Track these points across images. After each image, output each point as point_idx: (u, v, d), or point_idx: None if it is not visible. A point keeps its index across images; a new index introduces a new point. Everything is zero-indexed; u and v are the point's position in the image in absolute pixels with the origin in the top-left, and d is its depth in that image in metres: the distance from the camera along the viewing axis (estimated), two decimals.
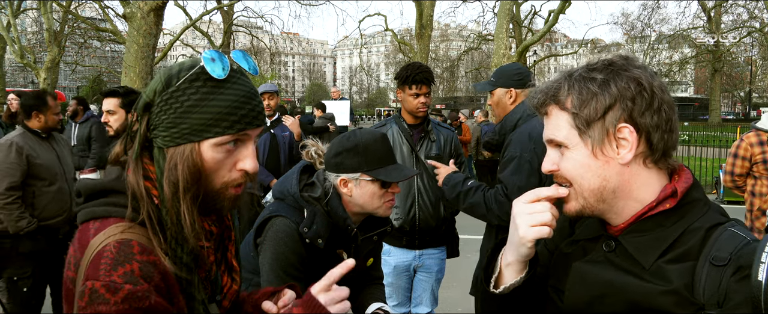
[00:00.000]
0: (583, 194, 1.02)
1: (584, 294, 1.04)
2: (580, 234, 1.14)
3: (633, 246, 1.00)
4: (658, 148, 0.99)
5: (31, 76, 40.23)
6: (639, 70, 0.99)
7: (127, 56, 11.06)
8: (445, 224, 3.19)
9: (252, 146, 1.06)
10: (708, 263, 0.91)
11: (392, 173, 1.75)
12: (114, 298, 0.89)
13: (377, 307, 1.90)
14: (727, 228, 0.95)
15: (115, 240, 0.95)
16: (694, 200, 1.00)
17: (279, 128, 4.92)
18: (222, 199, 1.05)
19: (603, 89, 0.98)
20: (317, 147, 1.90)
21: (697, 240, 0.95)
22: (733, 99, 51.01)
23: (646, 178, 1.01)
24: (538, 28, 26.79)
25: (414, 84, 3.06)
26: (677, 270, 0.94)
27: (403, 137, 3.11)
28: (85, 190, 1.05)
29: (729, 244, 0.92)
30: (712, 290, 0.89)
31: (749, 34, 32.47)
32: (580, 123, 1.00)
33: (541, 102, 1.06)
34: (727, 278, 0.88)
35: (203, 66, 0.99)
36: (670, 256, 0.96)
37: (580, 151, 1.01)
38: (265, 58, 38.17)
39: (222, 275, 1.14)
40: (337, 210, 1.73)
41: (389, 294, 3.09)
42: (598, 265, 1.04)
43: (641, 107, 0.97)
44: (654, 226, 0.99)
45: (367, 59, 77.08)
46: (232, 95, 1.01)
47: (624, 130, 0.98)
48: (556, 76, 1.06)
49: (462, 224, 3.48)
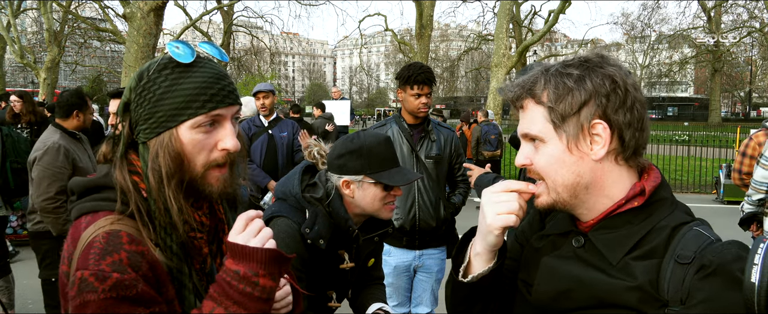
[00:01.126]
0: (557, 189, 1.03)
1: (552, 288, 1.06)
2: (550, 229, 1.15)
3: (601, 242, 1.01)
4: (629, 145, 1.00)
5: (31, 76, 40.25)
6: (613, 68, 1.01)
7: (127, 56, 11.06)
8: (445, 224, 3.20)
9: (229, 125, 1.07)
10: (673, 260, 0.93)
11: (395, 176, 1.75)
12: (102, 286, 0.91)
13: (378, 307, 1.91)
14: (693, 227, 0.97)
15: (104, 231, 0.97)
16: (662, 199, 1.02)
17: (277, 129, 4.84)
18: (207, 182, 1.06)
19: (579, 84, 0.99)
20: (320, 147, 1.90)
21: (663, 237, 0.97)
22: (733, 99, 51.02)
23: (618, 175, 1.03)
24: (538, 28, 26.80)
25: (415, 84, 3.05)
26: (643, 266, 0.95)
27: (403, 137, 3.11)
28: (77, 188, 1.08)
29: (693, 243, 0.93)
30: (675, 287, 0.91)
31: (749, 34, 32.47)
32: (555, 117, 1.01)
33: (517, 96, 1.06)
34: (691, 276, 0.90)
35: (169, 54, 1.03)
36: (637, 253, 0.97)
37: (555, 145, 1.02)
38: (265, 58, 38.15)
39: (218, 268, 1.16)
40: (339, 211, 1.73)
41: (389, 294, 3.09)
42: (567, 260, 1.06)
43: (615, 104, 0.99)
44: (622, 223, 1.01)
45: (367, 59, 77.11)
46: (201, 77, 1.04)
47: (598, 126, 0.99)
48: (532, 71, 1.07)
49: (462, 224, 3.49)
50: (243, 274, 0.99)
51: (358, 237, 1.80)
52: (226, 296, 0.98)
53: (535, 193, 1.07)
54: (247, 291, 0.98)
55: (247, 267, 0.99)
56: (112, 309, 0.91)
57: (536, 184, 1.08)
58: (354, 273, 1.88)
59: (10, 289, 3.99)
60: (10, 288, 3.99)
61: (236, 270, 0.99)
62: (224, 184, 1.08)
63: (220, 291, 0.99)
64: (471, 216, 2.76)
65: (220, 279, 1.00)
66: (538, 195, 1.07)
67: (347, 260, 1.79)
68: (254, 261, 0.99)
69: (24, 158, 3.85)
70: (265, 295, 1.00)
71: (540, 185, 1.06)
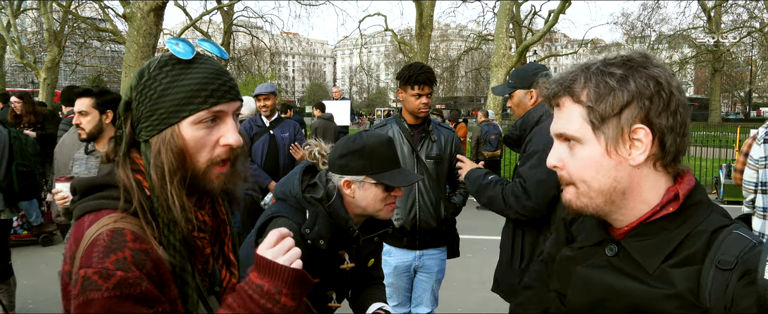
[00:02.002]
0: (590, 193, 0.99)
1: (586, 298, 1.03)
2: (582, 240, 1.12)
3: (636, 250, 0.98)
4: (670, 151, 0.97)
5: (31, 76, 40.25)
6: (658, 69, 0.96)
7: (127, 56, 11.06)
8: (445, 224, 3.19)
9: (231, 121, 1.08)
10: (714, 267, 0.90)
11: (397, 177, 1.74)
12: (106, 284, 0.90)
13: (378, 307, 1.91)
14: (733, 231, 0.93)
15: (107, 228, 0.97)
16: (697, 203, 0.98)
17: (278, 129, 4.81)
18: (210, 178, 1.06)
19: (621, 84, 0.95)
20: (321, 147, 1.90)
21: (701, 243, 0.93)
22: (733, 99, 51.01)
23: (654, 181, 0.99)
24: (538, 28, 26.79)
25: (416, 84, 3.05)
26: (682, 273, 0.92)
27: (404, 137, 3.11)
28: (80, 187, 1.08)
29: (735, 247, 0.90)
30: (718, 294, 0.88)
31: (749, 34, 32.45)
32: (594, 118, 0.96)
33: (555, 93, 1.02)
34: (734, 282, 0.87)
35: (169, 51, 1.04)
36: (675, 260, 0.94)
37: (592, 147, 0.97)
38: (265, 58, 38.13)
39: (220, 268, 1.15)
40: (339, 211, 1.73)
41: (389, 295, 3.09)
42: (600, 269, 1.02)
43: (659, 108, 0.94)
44: (657, 230, 0.97)
45: (367, 59, 77.05)
46: (201, 72, 1.04)
47: (640, 131, 0.95)
48: (571, 68, 1.02)
49: (462, 224, 3.48)
50: (266, 290, 1.01)
51: (358, 238, 1.80)
52: (246, 308, 1.00)
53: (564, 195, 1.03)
54: (268, 307, 1.00)
55: (271, 283, 1.01)
56: (116, 308, 0.91)
57: (564, 189, 1.04)
58: (354, 273, 1.88)
59: (11, 291, 3.98)
60: (11, 290, 3.99)
61: (260, 285, 1.01)
62: (226, 180, 1.08)
63: (240, 302, 1.01)
64: (470, 216, 2.77)
65: (242, 290, 1.02)
66: (567, 196, 1.03)
67: (347, 260, 1.79)
68: (280, 278, 1.02)
69: (30, 161, 3.82)
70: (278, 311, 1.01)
71: (569, 189, 1.02)
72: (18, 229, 6.51)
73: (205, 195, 1.11)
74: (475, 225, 6.89)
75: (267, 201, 4.60)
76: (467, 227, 3.05)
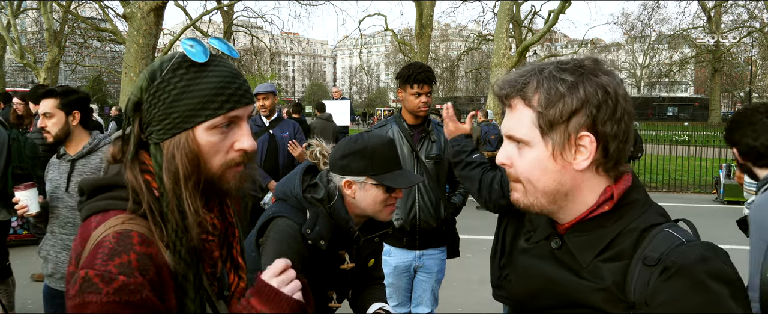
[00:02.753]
0: (536, 193, 1.04)
1: (526, 287, 1.08)
2: (536, 235, 1.17)
3: (574, 244, 1.03)
4: (612, 157, 1.00)
5: (31, 76, 40.20)
6: (607, 77, 0.99)
7: (127, 56, 11.07)
8: (445, 224, 3.20)
9: (246, 125, 1.07)
10: (640, 262, 0.94)
11: (398, 179, 1.74)
12: (106, 288, 0.88)
13: (378, 307, 1.91)
14: (664, 229, 0.97)
15: (114, 230, 0.95)
16: (633, 202, 1.02)
17: (278, 129, 4.81)
18: (224, 181, 1.05)
19: (571, 91, 0.97)
20: (322, 147, 1.89)
21: (631, 240, 0.98)
22: (733, 99, 50.98)
23: (595, 184, 1.03)
24: (538, 28, 26.78)
25: (415, 83, 3.06)
26: (610, 268, 0.97)
27: (404, 137, 3.11)
28: (88, 187, 1.05)
29: (662, 244, 0.94)
30: (641, 288, 0.92)
31: (749, 34, 32.45)
32: (543, 123, 0.99)
33: (507, 94, 1.05)
34: (655, 277, 0.91)
35: (184, 53, 1.01)
36: (606, 255, 0.99)
37: (539, 151, 1.01)
38: (265, 58, 38.13)
39: (228, 272, 1.14)
40: (340, 212, 1.73)
41: (389, 295, 3.09)
42: (542, 260, 1.07)
43: (605, 116, 0.97)
44: (594, 227, 1.02)
45: (367, 59, 77.04)
46: (217, 77, 1.02)
47: (585, 138, 0.98)
48: (525, 69, 1.05)
49: (462, 224, 3.48)
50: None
51: (358, 238, 1.80)
52: None
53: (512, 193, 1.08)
54: None
55: (272, 312, 1.04)
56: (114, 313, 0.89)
57: (512, 186, 1.08)
58: (354, 273, 1.88)
59: (10, 291, 3.98)
60: (10, 291, 3.98)
61: (261, 312, 1.04)
62: (241, 180, 1.08)
63: None
64: (470, 216, 2.77)
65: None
66: (515, 195, 1.08)
67: (348, 260, 1.79)
68: (281, 308, 1.05)
69: (27, 163, 3.80)
70: None
71: (517, 187, 1.07)
72: (18, 229, 6.51)
73: (218, 197, 1.10)
74: (475, 225, 6.88)
75: (266, 201, 4.60)
76: (467, 227, 3.05)
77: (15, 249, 6.15)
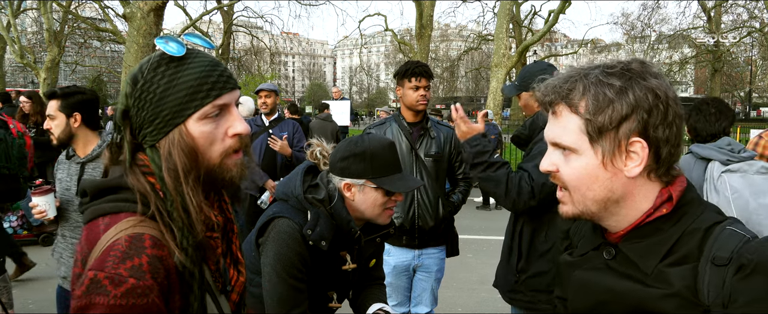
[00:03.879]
0: (585, 202, 1.00)
1: (586, 302, 1.04)
2: (581, 246, 1.13)
3: (633, 251, 0.99)
4: (664, 162, 0.97)
5: (31, 76, 40.25)
6: (656, 80, 0.96)
7: (127, 56, 11.07)
8: (444, 223, 3.19)
9: (235, 110, 1.08)
10: (709, 263, 0.90)
11: (397, 183, 1.74)
12: (115, 291, 0.88)
13: (378, 307, 1.91)
14: (726, 227, 0.94)
15: (127, 233, 0.95)
16: (690, 202, 0.99)
17: (277, 129, 4.83)
18: (225, 170, 1.06)
19: (620, 96, 0.94)
20: (322, 148, 1.89)
21: (696, 241, 0.94)
22: (733, 99, 51.02)
23: (649, 190, 1.00)
24: (538, 28, 26.79)
25: (413, 77, 3.07)
26: (678, 272, 0.93)
27: (403, 135, 3.12)
28: (92, 188, 1.04)
29: (729, 243, 0.90)
30: (716, 290, 0.88)
31: (749, 34, 32.42)
32: (592, 130, 0.96)
33: (551, 100, 1.01)
34: (730, 277, 0.87)
35: (161, 52, 1.02)
36: (671, 259, 0.95)
37: (589, 159, 0.97)
38: (265, 59, 38.13)
39: (228, 267, 1.15)
40: (341, 213, 1.73)
41: (389, 294, 3.09)
42: (599, 272, 1.03)
43: (656, 120, 0.94)
44: (652, 231, 0.98)
45: (367, 59, 77.07)
46: (197, 67, 1.03)
47: (636, 144, 0.95)
48: (569, 74, 1.01)
49: (462, 224, 3.49)
50: None
51: (360, 239, 1.80)
52: None
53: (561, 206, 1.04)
54: None
55: None
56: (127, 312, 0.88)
57: (560, 192, 1.04)
58: (355, 274, 1.87)
59: (8, 288, 3.99)
60: (8, 287, 3.99)
61: None
62: (242, 167, 1.08)
63: None
64: (470, 216, 2.77)
65: None
66: (563, 203, 1.04)
67: (349, 261, 1.79)
68: None
69: (15, 164, 3.80)
70: None
71: (564, 194, 1.03)
72: (18, 229, 6.51)
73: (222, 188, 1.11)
74: (474, 225, 6.88)
75: (264, 199, 4.63)
76: (467, 227, 3.05)
77: None
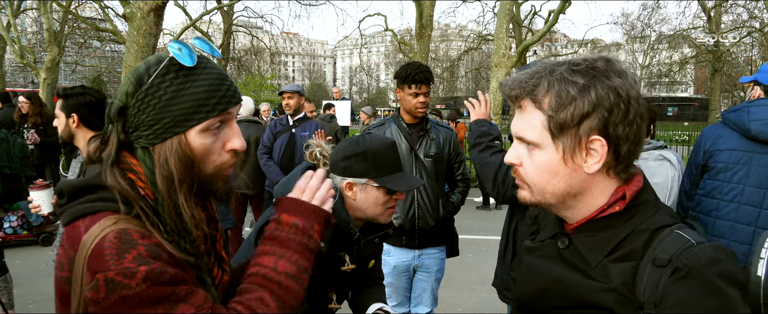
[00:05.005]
0: (545, 194, 1.03)
1: (532, 287, 1.08)
2: (543, 234, 1.16)
3: (582, 244, 1.02)
4: (623, 159, 1.00)
5: (31, 76, 40.25)
6: (619, 79, 0.97)
7: (127, 56, 11.06)
8: (444, 223, 3.20)
9: (236, 125, 1.09)
10: (650, 263, 0.94)
11: (399, 182, 1.75)
12: (134, 281, 0.89)
13: (378, 307, 1.91)
14: (674, 230, 0.97)
15: (111, 230, 0.94)
16: (643, 202, 1.02)
17: (300, 128, 5.02)
18: (216, 182, 1.07)
19: (582, 94, 0.96)
20: (322, 148, 1.89)
21: (642, 241, 0.97)
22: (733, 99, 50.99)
23: (606, 186, 1.02)
24: (538, 28, 26.78)
25: (413, 83, 3.06)
26: (620, 268, 0.96)
27: (402, 136, 3.12)
28: (68, 189, 1.02)
29: (672, 246, 0.94)
30: (651, 290, 0.92)
31: (749, 34, 32.41)
32: (554, 126, 0.98)
33: (516, 95, 1.03)
34: (666, 278, 0.90)
35: (171, 57, 1.01)
36: (616, 256, 0.98)
37: (550, 154, 1.00)
38: (265, 59, 38.08)
39: (213, 266, 1.15)
40: (340, 213, 1.73)
41: (389, 294, 3.09)
42: (550, 260, 1.07)
43: (616, 119, 0.96)
44: (603, 227, 1.01)
45: (367, 59, 77.03)
46: (207, 79, 1.03)
47: (596, 142, 0.97)
48: (535, 69, 1.02)
49: (462, 224, 3.49)
50: (302, 226, 1.12)
51: (359, 239, 1.80)
52: (286, 247, 1.08)
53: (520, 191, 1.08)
54: (304, 241, 1.11)
55: (305, 221, 1.12)
56: (155, 294, 0.89)
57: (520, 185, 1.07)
58: (355, 274, 1.87)
59: (9, 289, 3.98)
60: (9, 288, 3.98)
61: (295, 223, 1.12)
62: (229, 183, 1.09)
63: (278, 243, 1.08)
64: (470, 216, 2.78)
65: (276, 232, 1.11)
66: (523, 193, 1.07)
67: (348, 262, 1.79)
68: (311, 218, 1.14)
69: (17, 164, 3.81)
70: (315, 248, 1.13)
71: (525, 186, 1.06)
72: (18, 229, 6.51)
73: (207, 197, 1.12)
74: (474, 225, 6.88)
75: None
76: (467, 227, 3.05)
77: (15, 249, 6.17)
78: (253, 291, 1.06)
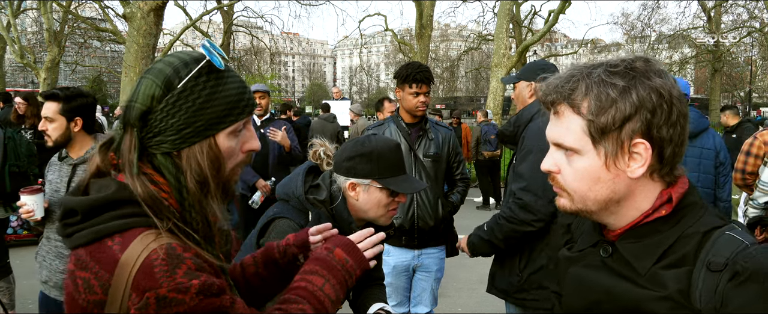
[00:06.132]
0: (586, 202, 0.99)
1: (581, 300, 1.03)
2: (580, 242, 1.12)
3: (629, 251, 0.98)
4: (668, 162, 0.96)
5: (31, 76, 40.25)
6: (660, 79, 0.94)
7: (127, 56, 11.07)
8: (443, 223, 3.20)
9: (252, 127, 1.12)
10: (704, 268, 0.89)
11: (402, 184, 1.75)
12: (187, 296, 0.89)
13: (379, 307, 1.91)
14: (725, 232, 0.93)
15: (156, 246, 0.91)
16: (690, 205, 0.98)
17: (267, 129, 4.93)
18: (232, 182, 1.09)
19: (623, 96, 0.92)
20: (326, 148, 1.90)
21: (693, 244, 0.93)
22: (733, 99, 50.97)
23: (651, 189, 0.98)
24: (538, 28, 26.76)
25: (414, 83, 3.07)
26: (673, 275, 0.92)
27: (401, 136, 3.12)
28: (82, 207, 0.96)
29: (726, 248, 0.89)
30: (708, 296, 0.87)
31: (749, 34, 32.40)
32: (595, 131, 0.94)
33: (553, 100, 0.99)
34: (724, 283, 0.86)
35: (208, 60, 1.01)
36: (666, 262, 0.94)
37: (591, 160, 0.96)
38: (265, 59, 38.07)
39: None
40: (342, 214, 1.73)
41: (389, 294, 3.10)
42: (595, 270, 1.02)
43: (660, 120, 0.92)
44: (650, 232, 0.97)
45: (367, 59, 77.02)
46: (234, 83, 1.05)
47: (639, 145, 0.93)
48: (571, 73, 0.99)
49: (462, 224, 3.49)
50: (349, 266, 1.23)
51: None
52: (333, 275, 1.19)
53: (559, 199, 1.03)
54: (346, 278, 1.21)
55: (354, 262, 1.24)
56: (208, 307, 0.90)
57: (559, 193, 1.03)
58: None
59: (11, 290, 3.98)
60: (11, 289, 3.99)
61: (346, 259, 1.23)
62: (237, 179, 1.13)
63: (328, 268, 1.19)
64: (470, 215, 2.78)
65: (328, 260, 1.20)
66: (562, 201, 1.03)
67: None
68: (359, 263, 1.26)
69: (24, 162, 3.80)
70: (348, 290, 1.23)
71: (564, 194, 1.02)
72: (18, 229, 6.51)
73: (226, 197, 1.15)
74: (474, 225, 6.88)
75: (256, 199, 4.72)
76: (467, 227, 3.05)
77: (15, 249, 6.16)
78: (298, 302, 1.11)
